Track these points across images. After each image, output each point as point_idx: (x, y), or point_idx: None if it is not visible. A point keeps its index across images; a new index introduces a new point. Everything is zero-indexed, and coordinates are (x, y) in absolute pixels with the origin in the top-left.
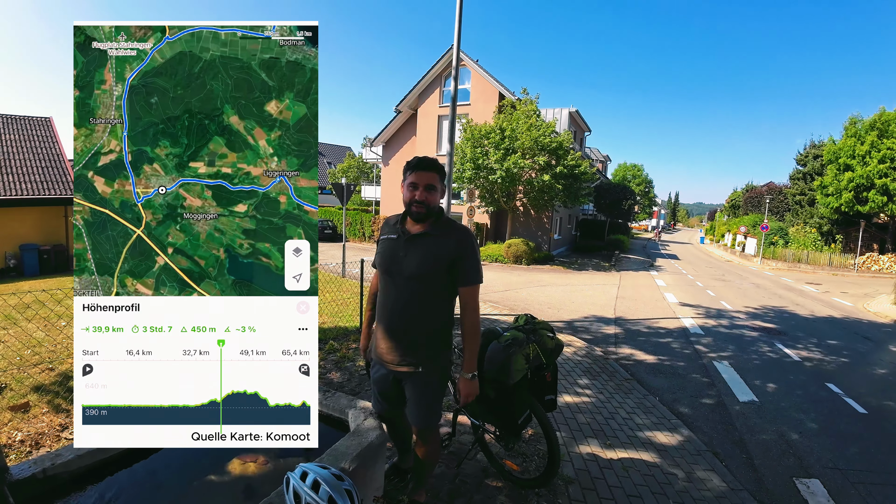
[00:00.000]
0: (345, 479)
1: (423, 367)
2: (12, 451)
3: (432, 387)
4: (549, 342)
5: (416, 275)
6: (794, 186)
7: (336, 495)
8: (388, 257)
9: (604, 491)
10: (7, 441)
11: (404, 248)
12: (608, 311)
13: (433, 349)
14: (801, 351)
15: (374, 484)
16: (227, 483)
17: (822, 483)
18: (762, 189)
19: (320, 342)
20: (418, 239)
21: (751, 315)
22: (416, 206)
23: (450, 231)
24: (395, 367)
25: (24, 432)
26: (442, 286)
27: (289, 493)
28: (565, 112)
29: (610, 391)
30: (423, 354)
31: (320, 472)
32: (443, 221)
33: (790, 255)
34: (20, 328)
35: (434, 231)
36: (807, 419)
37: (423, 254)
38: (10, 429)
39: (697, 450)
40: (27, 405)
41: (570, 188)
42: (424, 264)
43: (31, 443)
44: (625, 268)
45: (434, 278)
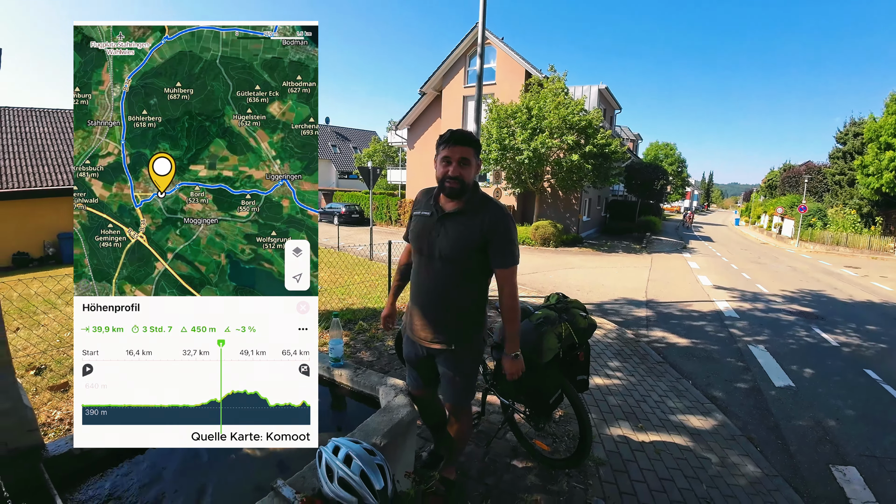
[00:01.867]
0: (376, 454)
1: (455, 346)
2: (51, 429)
3: (465, 366)
4: (581, 321)
5: (450, 256)
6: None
7: (368, 470)
8: (421, 236)
9: (636, 473)
10: (46, 419)
11: (437, 227)
12: (639, 293)
13: (466, 330)
14: (838, 336)
15: (404, 459)
16: (263, 458)
17: (859, 470)
18: (800, 168)
19: (350, 322)
20: (452, 218)
21: (787, 299)
22: (449, 181)
23: (485, 209)
24: (427, 344)
25: (62, 411)
26: (475, 267)
27: (321, 467)
28: (595, 89)
29: (641, 374)
30: (455, 334)
31: (352, 446)
32: (478, 198)
33: (828, 238)
34: (60, 312)
35: (468, 209)
36: (844, 406)
37: (457, 234)
38: (49, 408)
39: (731, 434)
40: (66, 385)
41: (600, 168)
42: (457, 245)
43: (69, 421)
44: (656, 250)
45: (467, 259)
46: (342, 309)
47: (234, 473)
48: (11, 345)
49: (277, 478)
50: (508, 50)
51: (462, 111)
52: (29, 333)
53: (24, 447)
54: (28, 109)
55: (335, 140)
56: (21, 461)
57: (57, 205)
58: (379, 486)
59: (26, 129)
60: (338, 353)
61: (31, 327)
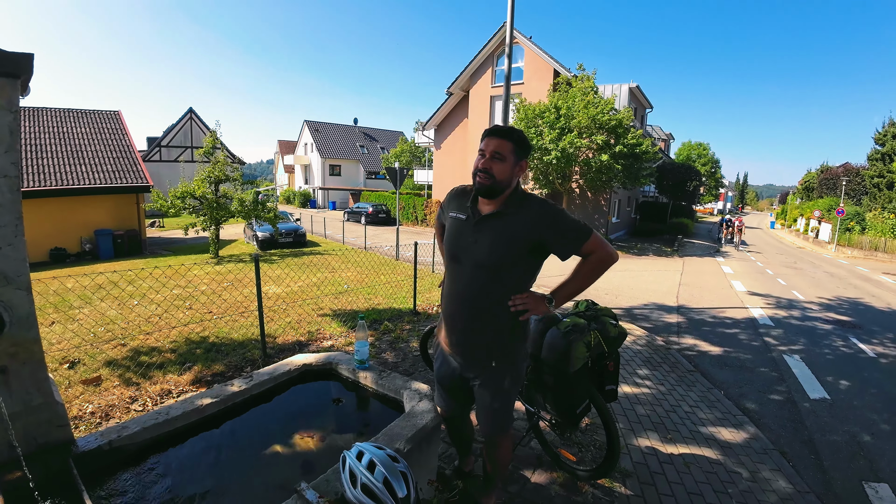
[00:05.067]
0: (400, 460)
1: (496, 363)
2: (83, 422)
3: (504, 388)
4: (611, 330)
5: (488, 264)
6: (871, 168)
7: (391, 477)
8: (456, 242)
9: (663, 486)
10: (78, 413)
11: (473, 232)
12: (670, 298)
13: (507, 344)
14: (876, 346)
15: (428, 466)
16: (288, 457)
17: (892, 488)
18: (838, 170)
19: (375, 322)
20: (489, 221)
21: (824, 306)
22: (479, 175)
23: (526, 207)
24: (464, 360)
25: (94, 405)
26: (519, 273)
27: (345, 472)
28: (625, 88)
29: (671, 383)
30: (495, 350)
31: (376, 452)
32: (518, 197)
33: (866, 243)
34: (94, 307)
35: (509, 210)
36: (880, 420)
37: (495, 238)
38: (81, 401)
39: (764, 448)
40: (99, 379)
41: (630, 168)
42: (497, 251)
43: (101, 415)
44: (688, 253)
45: (509, 265)
46: (368, 309)
47: (258, 473)
48: (46, 339)
49: (301, 480)
50: (536, 49)
51: (489, 111)
52: (63, 328)
53: (54, 442)
54: (66, 110)
55: (363, 140)
56: (50, 456)
57: (94, 202)
58: (402, 494)
59: (64, 130)
60: (363, 355)
61: (65, 322)
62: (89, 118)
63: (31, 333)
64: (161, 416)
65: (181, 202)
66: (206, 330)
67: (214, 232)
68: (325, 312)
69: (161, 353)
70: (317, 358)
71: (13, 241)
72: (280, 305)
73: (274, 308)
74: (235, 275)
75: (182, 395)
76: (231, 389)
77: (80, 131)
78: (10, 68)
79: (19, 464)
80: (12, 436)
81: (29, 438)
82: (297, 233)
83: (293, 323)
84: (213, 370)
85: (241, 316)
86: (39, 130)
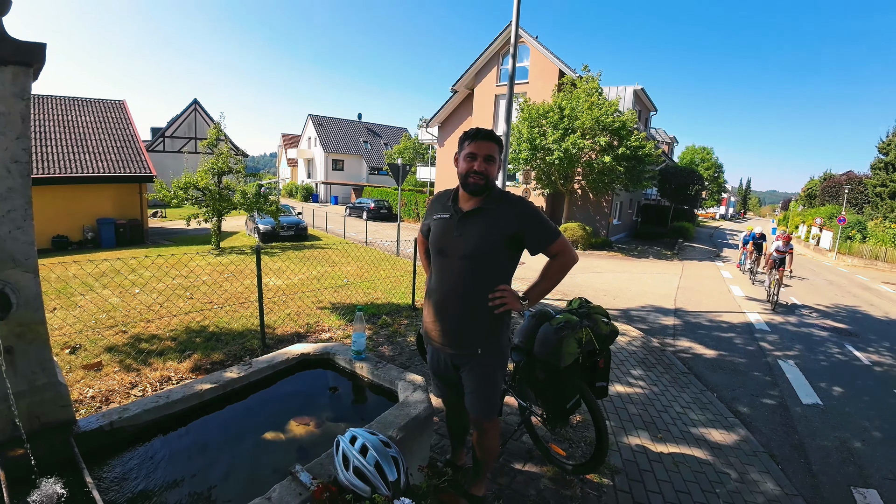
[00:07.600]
0: (392, 446)
1: (481, 349)
2: (83, 405)
3: (490, 373)
4: (603, 327)
5: (472, 254)
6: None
7: (383, 461)
8: (441, 238)
9: (651, 484)
10: (79, 397)
11: (458, 227)
12: (668, 301)
13: (492, 331)
14: (871, 354)
15: (419, 454)
16: (284, 442)
17: (880, 494)
18: (841, 178)
19: (373, 316)
20: (473, 215)
21: (821, 313)
22: (473, 176)
23: (506, 203)
24: (451, 350)
25: (95, 389)
26: (500, 263)
27: (338, 456)
28: (630, 90)
29: (665, 384)
30: (481, 337)
31: (369, 437)
32: (496, 194)
33: (867, 252)
34: (96, 294)
35: (489, 205)
36: (871, 427)
37: (479, 231)
38: (82, 385)
39: (754, 450)
40: (100, 364)
41: (633, 171)
42: (481, 242)
43: (101, 399)
44: (688, 257)
45: (491, 255)
46: (367, 303)
47: (255, 456)
48: (48, 324)
49: (296, 463)
50: (542, 48)
51: (493, 110)
52: (66, 314)
53: (57, 422)
54: (71, 98)
55: (367, 136)
56: (52, 435)
57: (97, 191)
58: (392, 478)
59: (69, 118)
60: (360, 346)
61: (67, 308)
62: (94, 107)
63: (38, 315)
64: (161, 400)
65: (184, 193)
66: (207, 319)
67: (216, 223)
68: (324, 305)
69: (161, 340)
70: (314, 348)
71: (22, 224)
72: (280, 297)
73: (274, 300)
74: (237, 266)
75: (181, 382)
76: (230, 376)
77: (84, 120)
78: (23, 57)
79: (21, 441)
80: (16, 414)
81: (32, 417)
82: (299, 226)
83: (292, 315)
84: (212, 359)
85: (241, 306)
86: (44, 118)
